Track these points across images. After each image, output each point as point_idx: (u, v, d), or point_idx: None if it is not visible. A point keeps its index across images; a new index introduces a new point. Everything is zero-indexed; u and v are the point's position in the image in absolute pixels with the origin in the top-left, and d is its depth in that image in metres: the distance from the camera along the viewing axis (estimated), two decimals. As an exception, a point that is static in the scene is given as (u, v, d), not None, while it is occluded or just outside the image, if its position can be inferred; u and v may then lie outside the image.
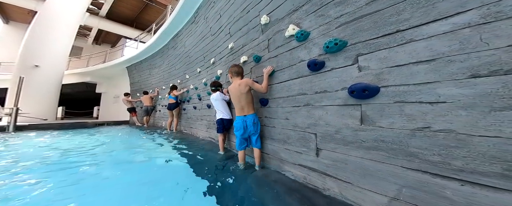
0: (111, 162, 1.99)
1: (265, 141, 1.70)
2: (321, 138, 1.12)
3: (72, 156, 2.18)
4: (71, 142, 3.23)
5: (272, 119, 1.61)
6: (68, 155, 2.23)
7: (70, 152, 2.38)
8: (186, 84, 4.23)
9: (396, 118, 0.80)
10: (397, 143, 0.79)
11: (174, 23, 4.27)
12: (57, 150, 2.50)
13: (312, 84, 1.19)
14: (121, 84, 8.16)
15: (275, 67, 1.59)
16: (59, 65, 6.95)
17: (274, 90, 1.59)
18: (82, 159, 2.05)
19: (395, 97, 0.81)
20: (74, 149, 2.60)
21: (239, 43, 2.30)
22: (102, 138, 3.64)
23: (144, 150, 2.49)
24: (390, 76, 0.83)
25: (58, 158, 2.07)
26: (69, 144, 2.95)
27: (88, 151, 2.43)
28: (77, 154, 2.30)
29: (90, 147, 2.70)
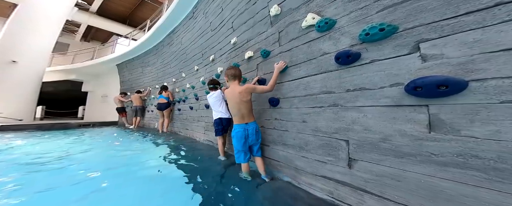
0: (85, 173, 1.56)
1: (275, 146, 1.45)
2: (356, 146, 0.90)
3: (35, 164, 1.78)
4: (43, 145, 2.76)
5: (285, 121, 1.37)
6: (30, 162, 1.80)
7: (36, 158, 1.94)
8: (182, 83, 3.91)
9: (505, 125, 0.55)
10: (507, 162, 0.55)
11: (170, 19, 3.96)
12: (14, 155, 2.06)
13: (341, 81, 0.98)
14: (110, 83, 7.55)
15: (288, 62, 1.37)
16: (40, 62, 6.27)
17: (287, 89, 1.36)
18: (47, 168, 1.66)
19: (500, 96, 0.57)
20: (44, 154, 2.17)
21: (243, 38, 2.07)
22: (84, 140, 3.19)
23: (131, 157, 2.14)
24: (489, 66, 0.58)
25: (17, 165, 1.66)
26: (38, 148, 2.49)
27: (60, 158, 1.99)
28: (44, 161, 1.88)
29: (63, 153, 2.23)
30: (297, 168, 1.24)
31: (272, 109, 1.52)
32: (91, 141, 3.14)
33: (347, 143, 0.94)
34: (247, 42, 2.01)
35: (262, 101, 1.64)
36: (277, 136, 1.43)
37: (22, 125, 4.89)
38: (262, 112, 1.63)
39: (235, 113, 1.42)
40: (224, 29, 2.47)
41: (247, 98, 1.39)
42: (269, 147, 1.52)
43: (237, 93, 1.39)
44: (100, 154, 2.21)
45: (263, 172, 1.39)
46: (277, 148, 1.44)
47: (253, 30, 1.90)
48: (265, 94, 1.60)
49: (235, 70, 1.51)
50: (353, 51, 0.92)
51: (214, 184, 1.32)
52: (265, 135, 1.58)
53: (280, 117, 1.42)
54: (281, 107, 1.42)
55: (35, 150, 2.34)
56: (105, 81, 7.76)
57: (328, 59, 1.06)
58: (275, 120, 1.47)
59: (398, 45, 0.78)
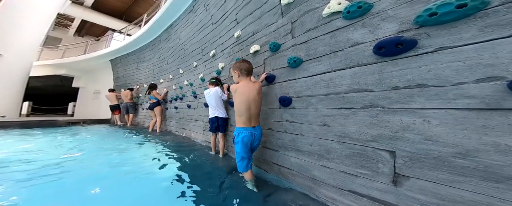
0: (68, 179, 1.29)
1: (286, 152, 1.22)
2: (408, 159, 0.68)
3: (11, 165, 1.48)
4: (25, 143, 2.42)
5: (299, 124, 1.14)
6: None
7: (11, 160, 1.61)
8: (179, 80, 3.63)
9: None
10: None
11: (168, 13, 3.67)
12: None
13: (383, 76, 0.76)
14: (102, 79, 7.06)
15: (303, 56, 1.17)
16: (28, 56, 5.73)
17: (302, 86, 1.13)
18: (25, 169, 1.38)
19: None
20: (24, 155, 1.86)
21: (249, 31, 1.85)
22: (72, 138, 2.83)
23: (118, 160, 1.82)
24: None
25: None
26: (18, 147, 2.16)
27: (44, 159, 1.68)
28: (21, 162, 1.59)
29: (43, 153, 1.91)
30: (314, 179, 1.01)
31: (282, 109, 1.28)
32: (76, 141, 2.80)
33: (393, 155, 0.72)
34: (252, 35, 1.79)
35: (271, 100, 1.42)
36: (289, 141, 1.20)
37: (4, 121, 4.43)
38: (271, 113, 1.41)
39: (243, 112, 1.18)
40: (227, 22, 2.24)
41: (260, 96, 1.24)
42: (278, 152, 1.30)
43: (254, 90, 1.21)
44: (86, 159, 1.91)
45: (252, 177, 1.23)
46: (288, 154, 1.20)
47: (260, 22, 1.68)
48: (274, 92, 1.39)
49: (250, 64, 1.29)
50: (407, 39, 0.68)
51: (217, 199, 1.07)
52: (273, 138, 1.36)
53: (293, 118, 1.18)
54: (294, 107, 1.18)
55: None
56: (98, 77, 7.26)
57: (362, 50, 0.84)
58: (287, 122, 1.23)
59: (492, 25, 0.55)
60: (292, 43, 1.26)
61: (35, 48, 6.09)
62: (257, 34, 1.70)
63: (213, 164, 1.71)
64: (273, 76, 1.38)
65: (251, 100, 1.19)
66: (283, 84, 1.29)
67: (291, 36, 1.27)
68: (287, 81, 1.26)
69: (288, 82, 1.25)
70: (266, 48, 1.53)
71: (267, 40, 1.54)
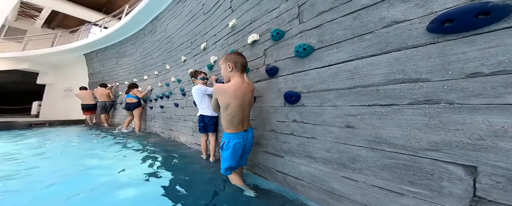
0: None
1: (293, 159, 1.00)
2: (503, 179, 0.47)
3: None
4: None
5: (310, 124, 0.93)
6: None
7: None
8: (166, 77, 3.23)
9: None
10: None
11: (153, 3, 3.25)
12: None
13: (448, 60, 0.55)
14: (74, 75, 6.15)
15: (315, 43, 0.96)
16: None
17: (314, 79, 0.92)
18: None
19: None
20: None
21: (246, 19, 1.62)
22: (34, 145, 2.23)
23: (95, 169, 1.40)
24: None
25: None
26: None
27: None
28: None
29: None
30: (333, 193, 0.80)
31: (289, 107, 1.05)
32: (37, 146, 2.24)
33: (472, 171, 0.52)
34: (250, 24, 1.56)
35: (273, 97, 1.20)
36: (296, 145, 0.98)
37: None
38: (273, 112, 1.17)
39: (237, 117, 0.99)
40: (220, 11, 1.98)
41: (252, 97, 1.10)
42: (283, 158, 1.07)
43: (249, 93, 1.04)
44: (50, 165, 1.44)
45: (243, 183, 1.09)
46: (296, 160, 0.98)
47: (259, 8, 1.46)
48: (277, 87, 1.17)
49: (244, 59, 1.08)
50: (499, 4, 0.47)
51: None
52: (277, 142, 1.13)
53: (302, 118, 0.97)
54: (304, 105, 0.97)
55: None
56: (69, 73, 6.30)
57: (406, 29, 0.64)
58: (294, 123, 1.01)
59: None
60: (300, 29, 1.05)
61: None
62: (256, 22, 1.47)
63: (205, 173, 1.43)
64: (276, 69, 1.17)
65: (246, 104, 1.03)
66: (289, 77, 1.08)
67: (298, 22, 1.06)
68: (294, 74, 1.05)
69: (295, 75, 1.04)
70: (267, 37, 1.31)
71: (268, 28, 1.32)
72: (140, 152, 2.11)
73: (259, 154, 1.30)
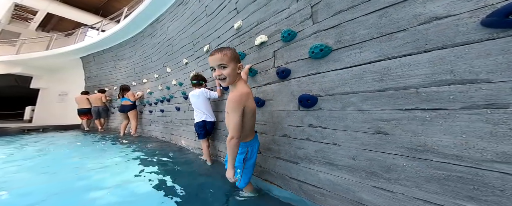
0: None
1: (309, 166, 0.94)
2: None
3: None
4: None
5: (330, 129, 0.87)
6: None
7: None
8: (166, 80, 3.15)
9: None
10: None
11: (154, 5, 3.19)
12: None
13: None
14: (70, 79, 5.95)
15: (333, 44, 0.88)
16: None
17: (333, 81, 0.87)
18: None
19: None
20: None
21: (252, 20, 1.57)
22: (27, 152, 2.06)
23: (85, 181, 1.28)
24: None
25: None
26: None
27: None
28: None
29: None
30: (360, 203, 0.75)
31: (304, 111, 1.00)
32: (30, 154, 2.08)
33: None
34: (257, 25, 1.51)
35: (285, 100, 1.14)
36: (314, 151, 0.93)
37: None
38: (285, 116, 1.10)
39: (252, 121, 0.93)
40: (225, 13, 1.93)
41: None
42: (298, 165, 1.00)
43: (252, 97, 0.91)
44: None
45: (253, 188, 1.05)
46: (314, 167, 0.92)
47: (266, 9, 1.42)
48: (290, 90, 1.11)
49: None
50: None
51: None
52: (290, 147, 1.06)
53: (320, 122, 0.91)
54: (322, 108, 0.91)
55: None
56: (64, 77, 6.10)
57: (452, 25, 0.57)
58: (310, 127, 0.96)
59: None
60: (314, 30, 1.01)
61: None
62: (264, 23, 1.43)
63: (215, 179, 1.34)
64: (287, 71, 1.11)
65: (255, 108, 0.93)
66: (303, 79, 1.02)
67: (312, 22, 1.02)
68: (308, 76, 0.99)
69: (310, 77, 0.98)
70: (277, 38, 1.27)
71: (277, 29, 1.28)
72: (143, 158, 2.00)
73: (270, 160, 1.23)
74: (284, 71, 1.11)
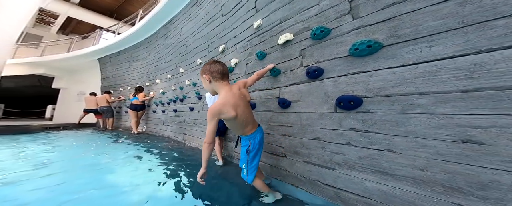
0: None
1: (350, 172, 0.85)
2: None
3: None
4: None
5: (383, 135, 0.76)
6: None
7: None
8: (179, 80, 3.15)
9: None
10: None
11: (168, 7, 3.21)
12: None
13: None
14: (88, 80, 6.19)
15: (384, 39, 0.78)
16: (1, 54, 4.86)
17: (387, 81, 0.76)
18: None
19: None
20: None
21: (274, 19, 1.50)
22: (45, 147, 2.11)
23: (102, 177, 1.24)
24: None
25: None
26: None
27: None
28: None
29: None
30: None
31: (343, 113, 0.90)
32: (50, 151, 2.14)
33: None
34: (280, 24, 1.44)
35: (316, 101, 1.03)
36: (357, 157, 0.83)
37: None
38: (317, 118, 1.01)
39: (246, 117, 0.92)
40: (242, 12, 1.88)
41: (246, 93, 0.99)
42: (334, 171, 0.91)
43: (240, 92, 0.94)
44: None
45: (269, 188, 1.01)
46: (358, 175, 0.83)
47: (291, 7, 1.34)
48: (323, 91, 1.03)
49: (220, 64, 0.92)
50: None
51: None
52: (323, 151, 0.97)
53: (367, 127, 0.81)
54: (369, 111, 0.81)
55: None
56: (82, 78, 6.35)
57: None
58: (352, 131, 0.86)
59: None
60: (355, 26, 0.91)
61: (9, 45, 5.17)
62: (288, 21, 1.35)
63: (233, 183, 1.28)
64: (320, 70, 1.03)
65: (247, 104, 0.95)
66: (341, 79, 0.93)
67: (352, 17, 0.93)
68: (348, 76, 0.90)
69: (351, 77, 0.89)
70: (305, 36, 1.18)
71: (305, 27, 1.20)
72: (156, 157, 1.98)
73: (297, 164, 1.15)
74: (316, 71, 1.03)
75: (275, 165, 1.32)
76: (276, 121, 1.34)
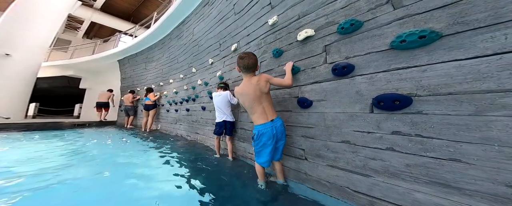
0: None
1: (392, 181, 0.74)
2: None
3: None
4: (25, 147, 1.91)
5: (444, 140, 0.63)
6: None
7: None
8: (192, 80, 3.16)
9: None
10: None
11: (180, 8, 3.22)
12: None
13: None
14: (109, 80, 6.55)
15: (442, 28, 0.64)
16: (36, 56, 5.23)
17: (448, 77, 0.63)
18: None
19: None
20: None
21: (291, 15, 1.39)
22: (77, 144, 2.28)
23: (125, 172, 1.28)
24: None
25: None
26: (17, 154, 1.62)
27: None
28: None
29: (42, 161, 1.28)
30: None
31: (382, 114, 0.77)
32: (82, 147, 2.25)
33: None
34: (298, 19, 1.32)
35: (344, 101, 0.90)
36: (404, 165, 0.71)
37: (7, 123, 3.93)
38: (346, 119, 0.90)
39: (255, 108, 1.08)
40: (256, 9, 1.78)
41: (267, 88, 1.09)
42: (370, 178, 0.79)
43: (254, 86, 1.08)
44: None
45: (282, 178, 1.19)
46: (404, 185, 0.70)
47: (311, 1, 1.20)
48: (354, 89, 0.90)
49: (245, 59, 1.11)
50: None
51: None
52: (355, 156, 0.85)
53: (419, 130, 0.67)
54: (423, 112, 0.67)
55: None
56: (105, 79, 6.74)
57: None
58: (396, 135, 0.73)
59: None
60: (398, 15, 0.76)
61: (44, 48, 5.62)
62: (308, 17, 1.23)
63: (248, 184, 1.21)
64: (350, 66, 0.90)
65: (256, 97, 1.08)
66: (380, 76, 0.80)
67: (392, 7, 0.79)
68: (390, 72, 0.77)
69: (393, 73, 0.75)
70: (329, 31, 1.06)
71: (329, 21, 1.07)
72: (171, 154, 1.98)
73: (321, 168, 1.04)
74: (346, 67, 0.91)
75: (293, 168, 1.22)
76: (295, 121, 1.24)
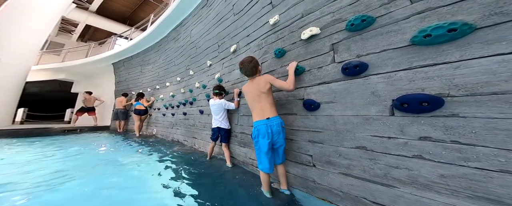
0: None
1: (420, 193, 0.64)
2: None
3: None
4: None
5: (490, 148, 0.54)
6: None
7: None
8: (189, 83, 3.01)
9: None
10: None
11: (178, 10, 3.11)
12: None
13: None
14: (103, 84, 6.25)
15: (476, 20, 0.56)
16: (25, 60, 4.87)
17: (491, 74, 0.54)
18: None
19: None
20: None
21: (293, 14, 1.30)
22: (64, 151, 1.97)
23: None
24: None
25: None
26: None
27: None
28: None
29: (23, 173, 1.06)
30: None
31: (406, 117, 0.67)
32: (70, 155, 2.00)
33: None
34: (301, 18, 1.24)
35: (357, 102, 0.80)
36: (437, 176, 0.61)
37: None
38: (360, 123, 0.80)
39: (254, 106, 1.13)
40: (257, 8, 1.69)
41: (267, 88, 1.09)
42: (394, 189, 0.69)
43: (254, 87, 1.14)
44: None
45: (286, 185, 1.10)
46: (439, 199, 0.60)
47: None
48: (369, 90, 0.81)
49: (243, 64, 1.20)
50: None
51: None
52: (373, 163, 0.75)
53: (457, 136, 0.58)
54: (457, 115, 0.58)
55: None
56: (99, 82, 6.41)
57: None
58: (425, 141, 0.63)
59: None
60: (418, 9, 0.67)
61: (34, 52, 5.29)
62: (312, 15, 1.15)
63: (251, 191, 1.07)
64: (363, 65, 0.81)
65: (255, 97, 1.13)
66: (400, 75, 0.71)
67: (410, 1, 0.70)
68: (413, 70, 0.67)
69: (417, 71, 0.65)
70: (336, 29, 0.98)
71: (336, 19, 0.99)
72: (168, 161, 1.81)
73: (332, 176, 0.93)
74: (358, 66, 0.81)
75: (300, 175, 1.10)
76: (301, 125, 1.13)
